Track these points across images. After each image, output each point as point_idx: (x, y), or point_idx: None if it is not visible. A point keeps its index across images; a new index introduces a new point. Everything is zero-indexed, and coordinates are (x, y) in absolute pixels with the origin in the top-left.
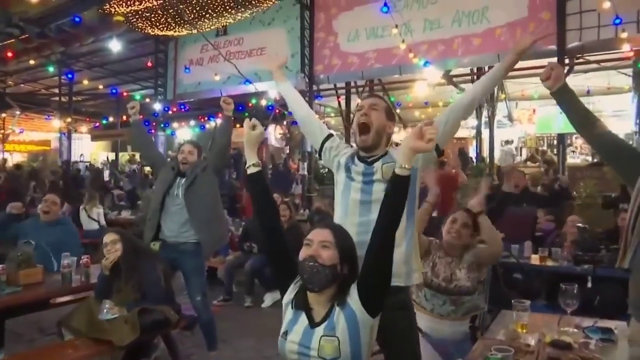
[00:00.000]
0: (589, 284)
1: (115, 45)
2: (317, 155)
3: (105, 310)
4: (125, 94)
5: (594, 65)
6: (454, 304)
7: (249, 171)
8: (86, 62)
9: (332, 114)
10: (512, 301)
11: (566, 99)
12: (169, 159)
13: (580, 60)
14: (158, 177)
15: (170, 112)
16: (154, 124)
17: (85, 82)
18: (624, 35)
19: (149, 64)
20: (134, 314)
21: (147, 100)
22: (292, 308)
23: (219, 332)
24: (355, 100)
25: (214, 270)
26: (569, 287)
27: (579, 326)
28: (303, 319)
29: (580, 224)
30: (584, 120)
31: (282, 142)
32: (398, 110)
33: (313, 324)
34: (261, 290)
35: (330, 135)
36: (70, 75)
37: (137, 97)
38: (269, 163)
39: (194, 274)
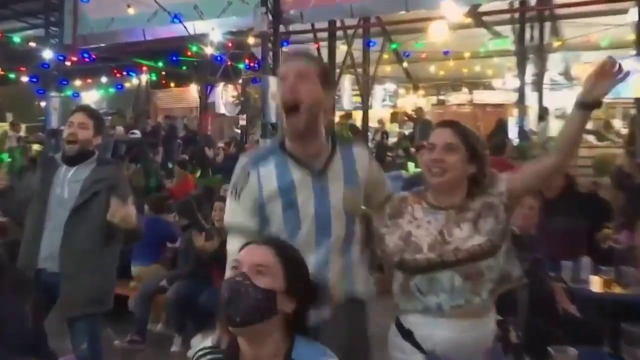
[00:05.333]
0: None
1: None
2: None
3: None
4: None
5: None
6: (469, 278)
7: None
8: None
9: None
10: (549, 349)
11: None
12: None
13: None
14: (39, 175)
15: (68, 63)
16: (45, 81)
17: None
18: None
19: None
20: None
21: (33, 44)
22: None
23: None
24: (341, 49)
25: (124, 299)
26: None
27: None
28: None
29: None
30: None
31: (236, 108)
32: (405, 64)
33: None
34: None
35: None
36: None
37: (17, 39)
38: (219, 139)
39: None
